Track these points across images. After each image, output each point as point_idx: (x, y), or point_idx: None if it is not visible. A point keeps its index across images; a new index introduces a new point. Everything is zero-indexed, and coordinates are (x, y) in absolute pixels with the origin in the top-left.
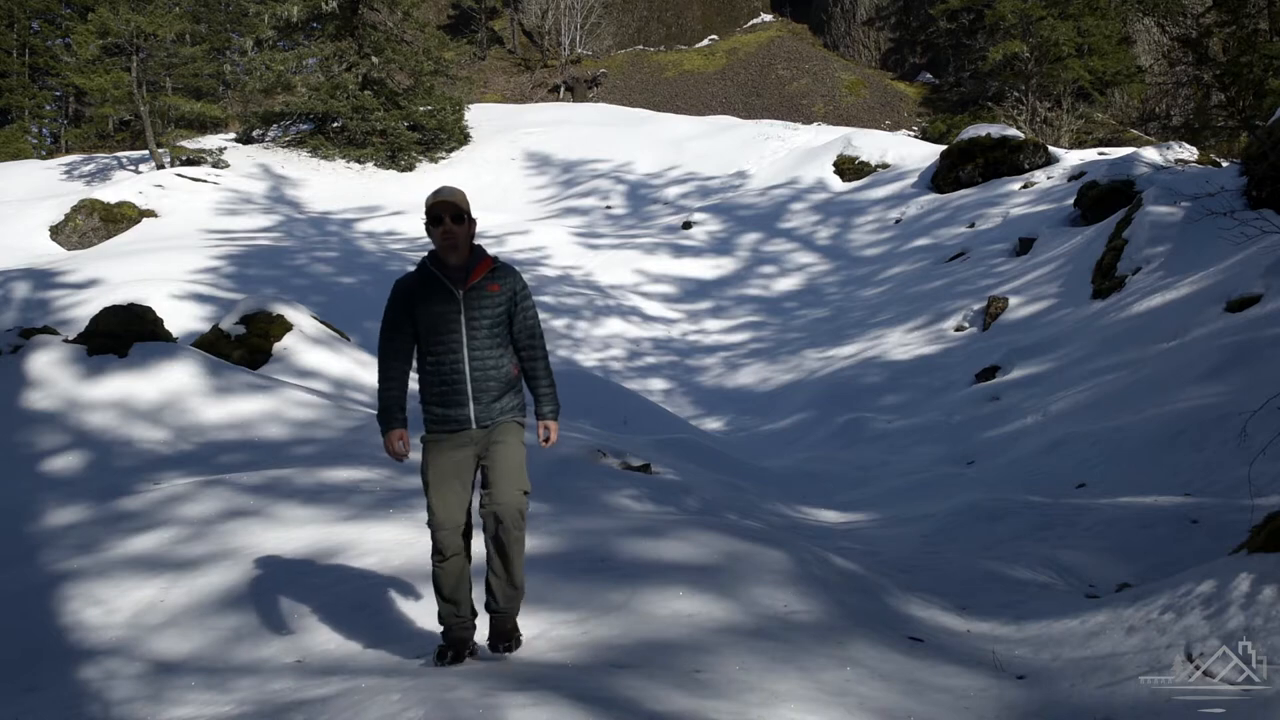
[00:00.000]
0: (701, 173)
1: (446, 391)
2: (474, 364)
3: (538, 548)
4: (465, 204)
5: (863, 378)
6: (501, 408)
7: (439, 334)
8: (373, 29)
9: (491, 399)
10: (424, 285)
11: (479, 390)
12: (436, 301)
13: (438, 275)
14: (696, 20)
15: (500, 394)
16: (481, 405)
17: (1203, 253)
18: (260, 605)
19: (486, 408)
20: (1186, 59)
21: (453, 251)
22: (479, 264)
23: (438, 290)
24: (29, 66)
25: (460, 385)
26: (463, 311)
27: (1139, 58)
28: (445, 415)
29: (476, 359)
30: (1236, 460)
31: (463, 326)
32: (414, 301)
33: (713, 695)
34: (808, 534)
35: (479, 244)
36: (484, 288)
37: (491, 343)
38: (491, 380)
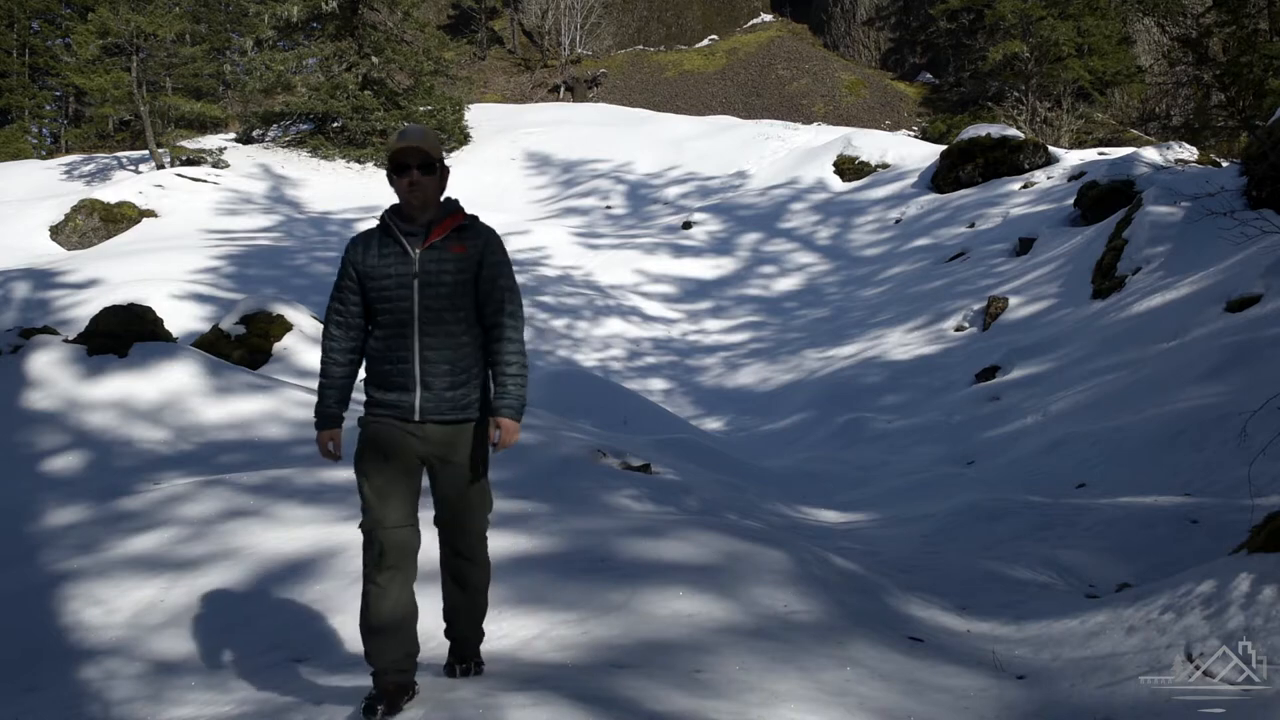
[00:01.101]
0: (701, 173)
1: (390, 373)
2: (425, 340)
3: (538, 548)
4: (436, 148)
5: (863, 378)
6: (457, 400)
7: (388, 302)
8: (373, 29)
9: (444, 386)
10: (379, 243)
11: (429, 374)
12: (389, 262)
13: (395, 231)
14: (696, 20)
15: (457, 381)
16: (432, 393)
17: (1203, 253)
18: (261, 605)
19: (438, 397)
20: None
21: (418, 205)
22: (445, 219)
23: (392, 249)
24: (29, 66)
25: (406, 367)
26: (417, 276)
27: (1139, 58)
28: (385, 401)
29: (429, 334)
30: (1236, 460)
31: (415, 294)
32: (365, 263)
33: (713, 695)
34: (808, 534)
35: (453, 198)
36: (445, 248)
37: (452, 316)
38: (445, 363)
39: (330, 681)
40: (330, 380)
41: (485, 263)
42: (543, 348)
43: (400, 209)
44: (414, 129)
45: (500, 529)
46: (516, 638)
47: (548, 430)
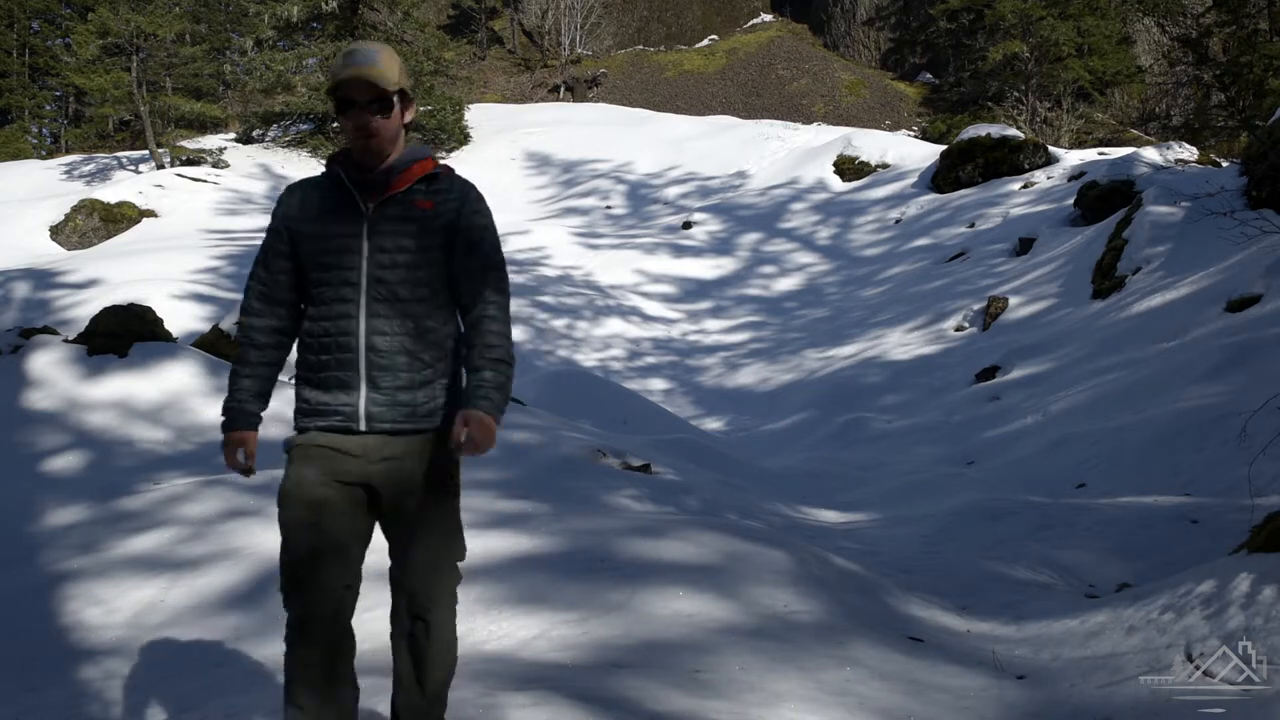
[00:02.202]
0: (701, 173)
1: (327, 364)
2: (375, 324)
3: (538, 548)
4: (392, 76)
5: (863, 378)
6: (416, 405)
7: (326, 271)
8: (373, 29)
9: (399, 385)
10: (321, 194)
11: (378, 369)
12: (331, 220)
13: (343, 180)
14: (696, 20)
15: (417, 380)
16: (382, 394)
17: (1203, 253)
18: (261, 605)
19: (390, 400)
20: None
21: (369, 150)
22: (409, 167)
23: (336, 202)
24: (29, 66)
25: (348, 356)
26: (366, 238)
27: (1139, 58)
28: (320, 404)
29: (381, 316)
30: (1236, 460)
31: (363, 262)
32: (301, 217)
33: (713, 695)
34: (808, 534)
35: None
36: (409, 203)
37: (412, 293)
38: (402, 354)
39: None
40: (246, 367)
41: (462, 225)
42: (543, 348)
43: (349, 153)
44: (364, 49)
45: (500, 529)
46: (516, 638)
47: (548, 430)
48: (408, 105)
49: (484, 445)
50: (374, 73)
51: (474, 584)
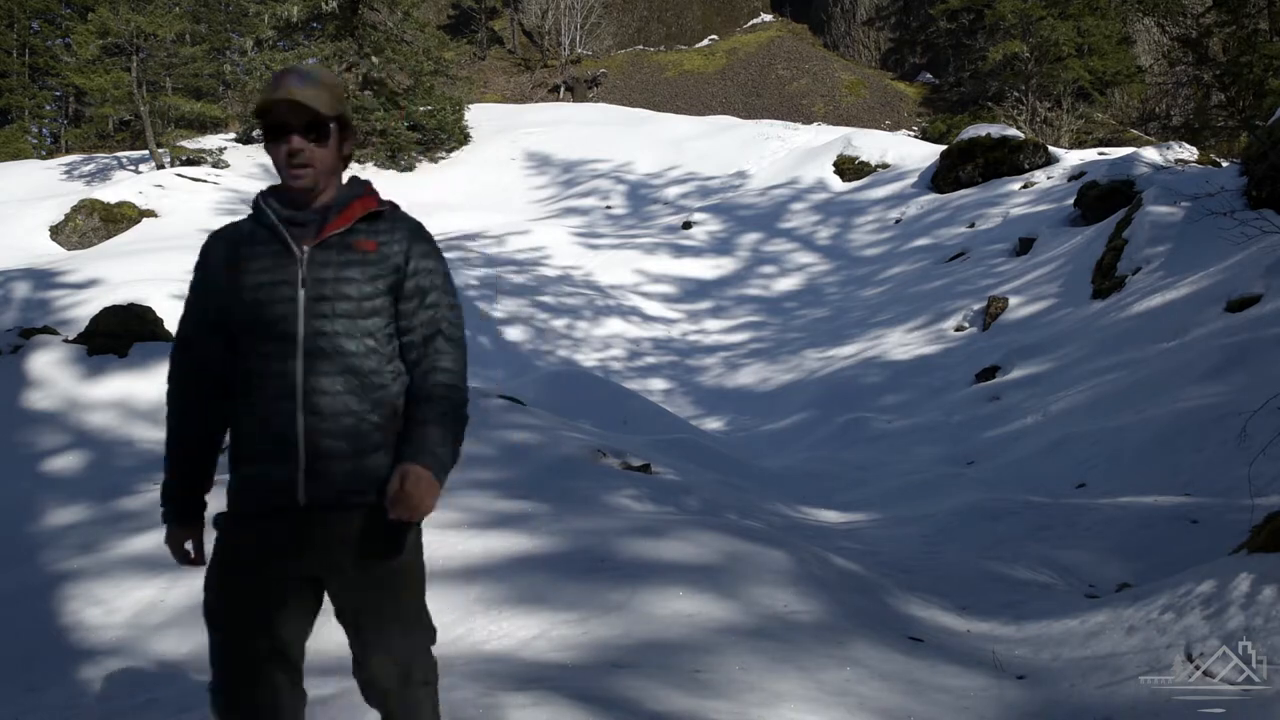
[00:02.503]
0: (701, 173)
1: (260, 430)
2: (315, 383)
3: (538, 548)
4: (330, 99)
5: (863, 378)
6: (366, 473)
7: (258, 326)
8: (373, 29)
9: (345, 453)
10: (248, 240)
11: (320, 435)
12: (261, 266)
13: (271, 220)
14: (696, 20)
15: (365, 445)
16: (325, 464)
17: (1203, 253)
18: None
19: (334, 470)
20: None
21: (304, 184)
22: (349, 204)
23: (266, 247)
24: (29, 66)
25: (284, 427)
26: (303, 285)
27: (1139, 58)
28: (251, 477)
29: (322, 373)
30: (1236, 460)
31: (299, 314)
32: (227, 269)
33: (713, 695)
34: (808, 534)
35: (360, 176)
36: (349, 245)
37: (358, 345)
38: (348, 416)
39: (330, 681)
40: (182, 449)
41: (410, 268)
42: (543, 348)
43: (281, 189)
44: (299, 69)
45: (500, 529)
46: (516, 638)
47: (548, 430)
48: (347, 135)
49: (421, 507)
50: (309, 94)
51: (474, 584)
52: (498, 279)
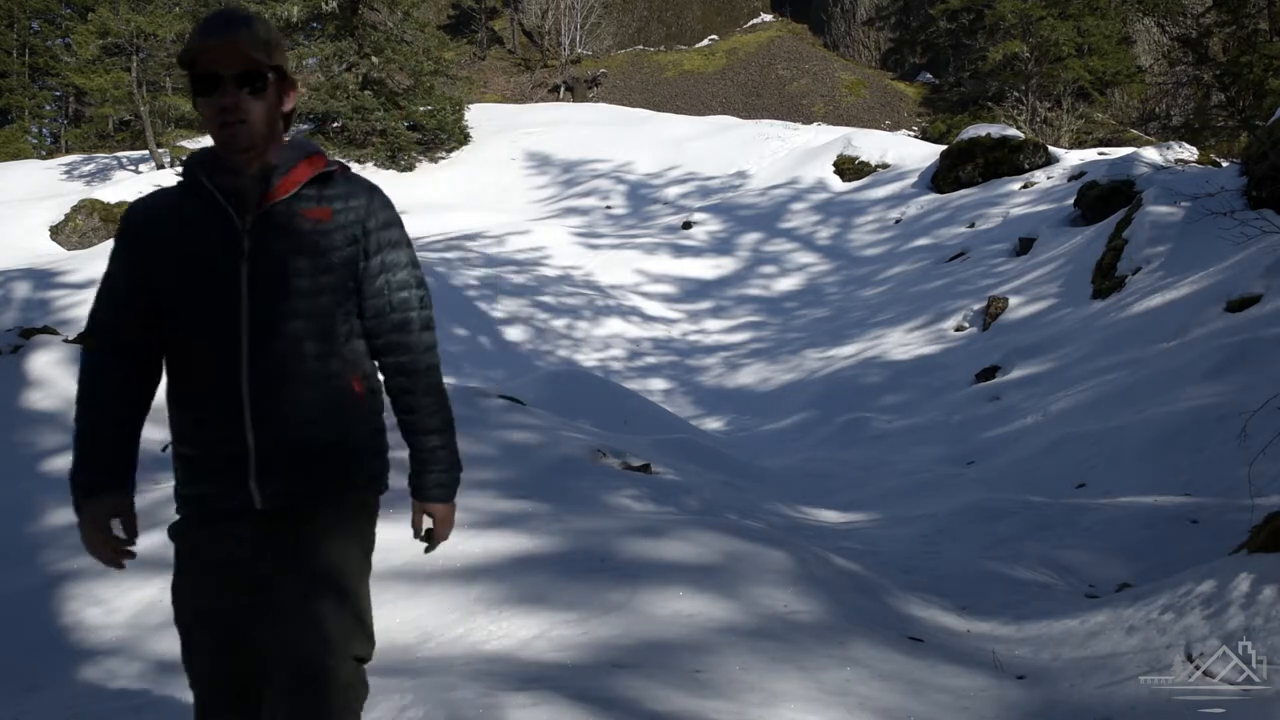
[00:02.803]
0: (701, 173)
1: (204, 431)
2: (260, 369)
3: (538, 548)
4: (267, 46)
5: (863, 378)
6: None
7: (197, 308)
8: (373, 29)
9: (298, 453)
10: (179, 211)
11: (269, 436)
12: (196, 240)
13: (207, 188)
14: (696, 20)
15: (321, 445)
16: (277, 468)
17: (1203, 253)
18: None
19: (283, 474)
20: (1186, 59)
21: (240, 144)
22: (294, 167)
23: (203, 217)
24: (29, 66)
25: (230, 415)
26: (246, 260)
27: (1139, 58)
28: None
29: (268, 359)
30: (1236, 460)
31: (243, 292)
32: (157, 244)
33: (713, 695)
34: (808, 534)
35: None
36: (297, 214)
37: (308, 327)
38: (302, 404)
39: None
40: (94, 434)
41: (369, 239)
42: (543, 348)
43: (214, 153)
44: (228, 12)
45: (500, 529)
46: (516, 638)
47: (548, 430)
48: (288, 89)
49: (447, 535)
50: (242, 40)
51: (474, 584)
52: (498, 278)
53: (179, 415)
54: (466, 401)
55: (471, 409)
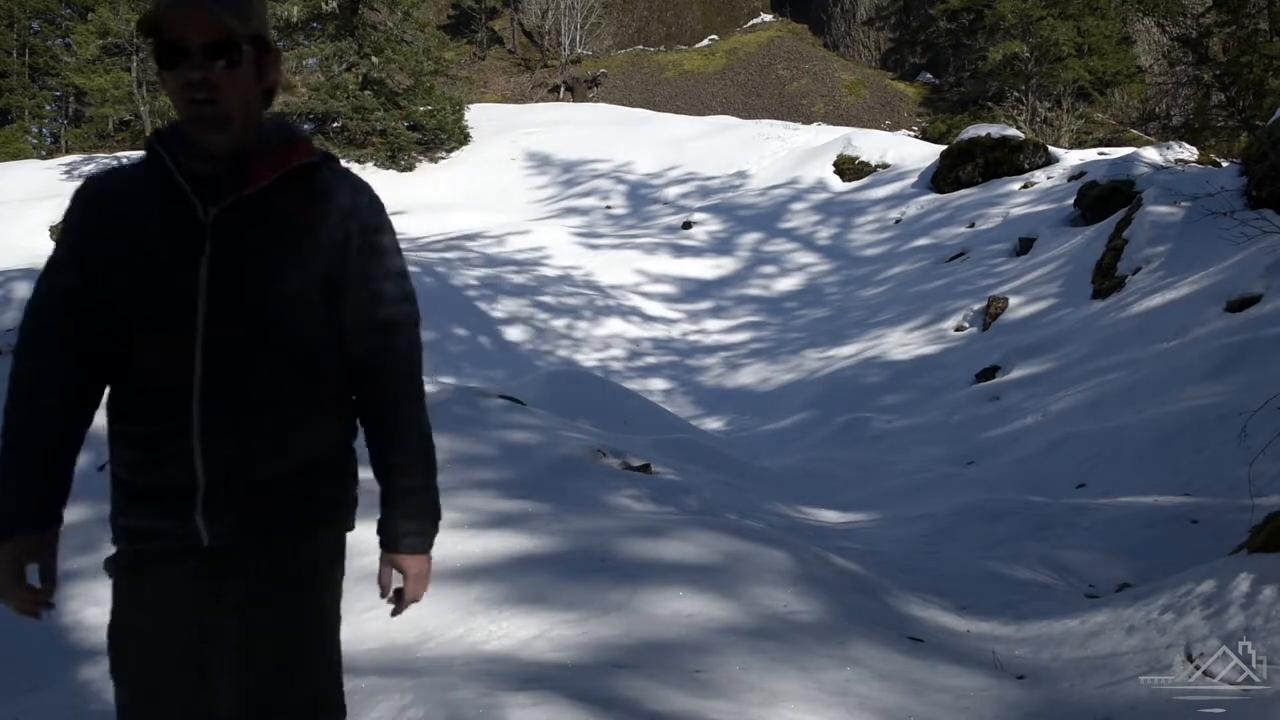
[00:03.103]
0: (701, 173)
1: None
2: (215, 389)
3: (538, 548)
4: (239, 13)
5: (863, 378)
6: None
7: (146, 312)
8: (373, 29)
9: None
10: (135, 198)
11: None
12: (149, 233)
13: (169, 171)
14: (696, 20)
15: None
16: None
17: (1203, 253)
18: None
19: (239, 496)
20: (1186, 59)
21: (210, 124)
22: (272, 153)
23: (160, 205)
24: (29, 66)
25: (176, 441)
26: (206, 259)
27: (1139, 58)
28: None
29: (225, 377)
30: (1236, 460)
31: (200, 298)
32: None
33: (713, 695)
34: (808, 534)
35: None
36: (272, 208)
37: (273, 343)
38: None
39: None
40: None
41: (353, 244)
42: (543, 348)
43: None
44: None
45: (500, 529)
46: (516, 638)
47: (548, 430)
48: (268, 61)
49: (419, 594)
50: (214, 3)
51: (474, 584)
52: (498, 278)
53: (117, 432)
54: (466, 401)
55: (471, 409)
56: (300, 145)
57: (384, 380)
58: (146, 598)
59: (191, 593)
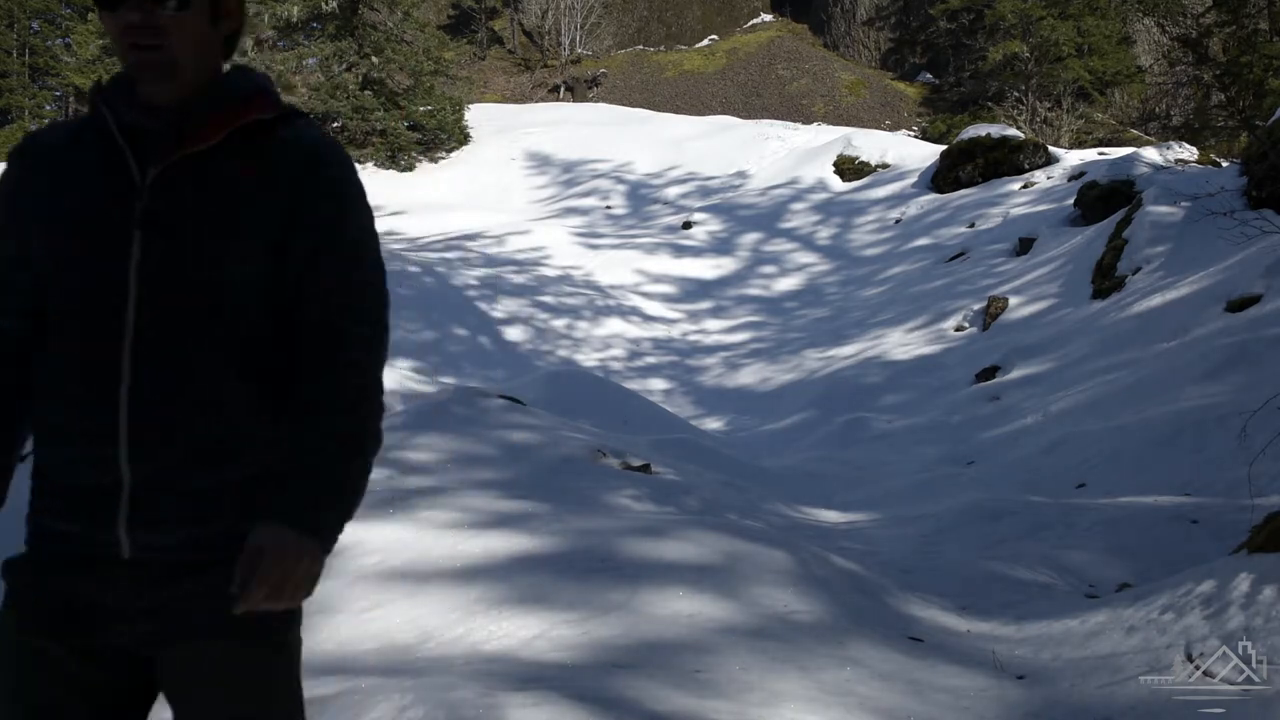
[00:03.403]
0: (701, 173)
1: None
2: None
3: (538, 548)
4: None
5: (863, 378)
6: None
7: (67, 300)
8: (373, 29)
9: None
10: (73, 155)
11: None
12: (78, 196)
13: (107, 126)
14: (696, 20)
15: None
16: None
17: (1203, 253)
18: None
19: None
20: (1186, 59)
21: (154, 73)
22: (223, 108)
23: (93, 164)
24: (29, 66)
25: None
26: (138, 227)
27: (1139, 58)
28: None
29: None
30: (1236, 460)
31: (130, 272)
32: (34, 197)
33: (713, 695)
34: (808, 534)
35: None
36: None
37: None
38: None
39: (330, 681)
40: None
41: (305, 216)
42: (543, 348)
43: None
44: None
45: (500, 529)
46: (517, 638)
47: (548, 430)
48: (228, 5)
49: (286, 592)
50: None
51: (474, 584)
52: (498, 278)
53: (40, 416)
54: (466, 401)
55: (471, 409)
56: (260, 97)
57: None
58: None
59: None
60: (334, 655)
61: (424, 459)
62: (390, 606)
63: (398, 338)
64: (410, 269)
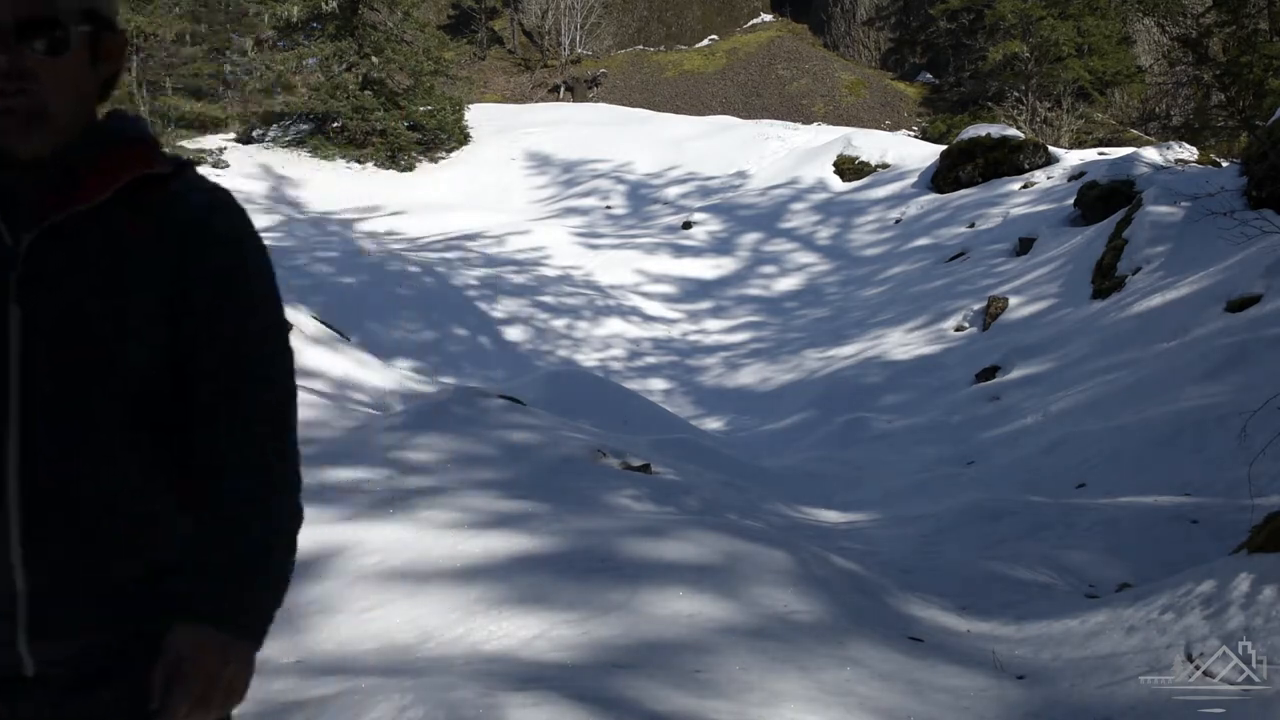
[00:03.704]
0: (701, 173)
1: None
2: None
3: (538, 548)
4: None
5: (863, 378)
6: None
7: None
8: (373, 29)
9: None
10: None
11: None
12: None
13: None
14: (696, 20)
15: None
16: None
17: (1203, 253)
18: None
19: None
20: (1186, 59)
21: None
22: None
23: None
24: None
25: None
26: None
27: (1139, 58)
28: None
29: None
30: (1236, 460)
31: (11, 351)
32: None
33: (713, 695)
34: (808, 534)
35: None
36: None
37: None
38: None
39: (330, 681)
40: None
41: (198, 267)
42: (543, 348)
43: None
44: None
45: (500, 529)
46: (517, 638)
47: (548, 430)
48: (109, 47)
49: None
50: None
51: (474, 584)
52: (498, 278)
53: None
54: (466, 401)
55: (471, 409)
56: (143, 149)
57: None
58: None
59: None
60: (334, 655)
61: (424, 459)
62: (390, 606)
63: (398, 338)
64: (410, 269)
